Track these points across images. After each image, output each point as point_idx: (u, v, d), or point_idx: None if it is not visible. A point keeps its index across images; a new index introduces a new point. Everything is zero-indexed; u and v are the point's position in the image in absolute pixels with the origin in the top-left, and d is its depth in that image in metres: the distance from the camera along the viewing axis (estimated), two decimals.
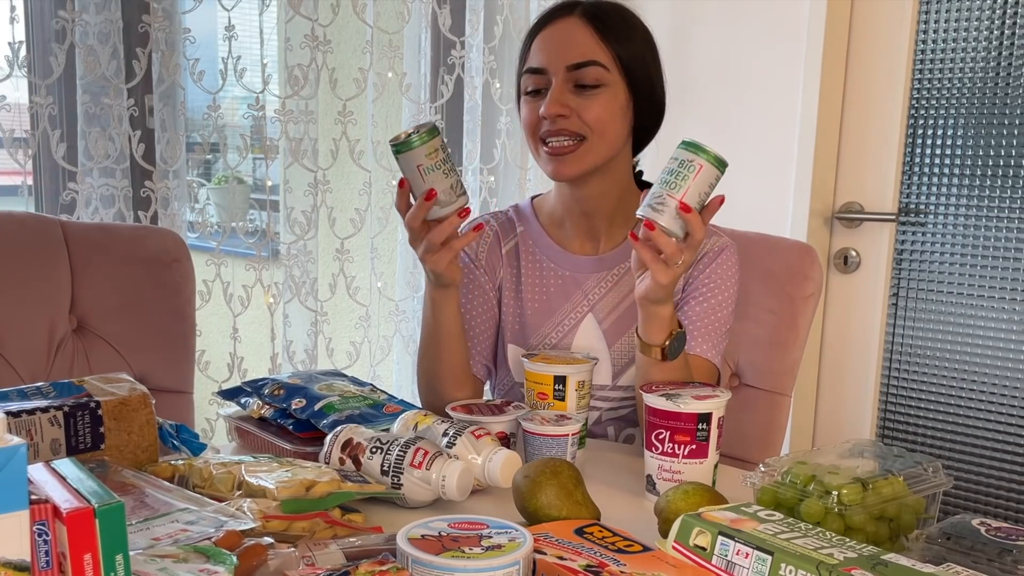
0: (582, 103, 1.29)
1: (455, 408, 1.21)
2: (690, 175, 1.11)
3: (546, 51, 1.32)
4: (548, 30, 1.33)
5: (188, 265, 1.58)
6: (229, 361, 1.95)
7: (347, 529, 0.93)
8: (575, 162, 1.31)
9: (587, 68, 1.29)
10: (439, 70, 2.25)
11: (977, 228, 2.21)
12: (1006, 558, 0.80)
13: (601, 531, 0.87)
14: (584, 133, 1.30)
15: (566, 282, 1.42)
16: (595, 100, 1.30)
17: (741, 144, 2.41)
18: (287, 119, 1.95)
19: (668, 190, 1.12)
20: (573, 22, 1.31)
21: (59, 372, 1.46)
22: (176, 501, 0.87)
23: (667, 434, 1.08)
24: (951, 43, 2.21)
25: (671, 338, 1.21)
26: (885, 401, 2.39)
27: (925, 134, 2.27)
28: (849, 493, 0.87)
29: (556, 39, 1.32)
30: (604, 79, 1.30)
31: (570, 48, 1.30)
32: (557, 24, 1.33)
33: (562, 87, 1.30)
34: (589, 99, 1.30)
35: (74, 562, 0.60)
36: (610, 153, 1.34)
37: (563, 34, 1.32)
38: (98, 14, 1.71)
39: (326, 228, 2.07)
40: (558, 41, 1.32)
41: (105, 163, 1.75)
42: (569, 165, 1.31)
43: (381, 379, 2.23)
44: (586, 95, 1.30)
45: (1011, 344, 2.19)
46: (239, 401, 1.31)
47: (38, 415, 0.98)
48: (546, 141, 1.31)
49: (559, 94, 1.29)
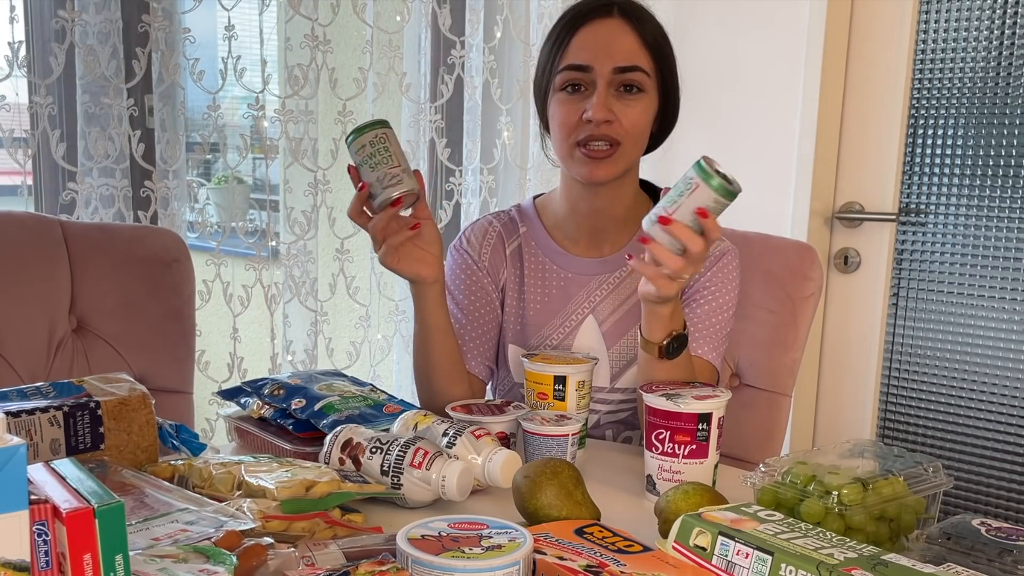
0: (623, 108, 1.28)
1: (455, 408, 1.21)
2: (686, 192, 1.10)
3: (591, 49, 1.29)
4: (591, 28, 1.30)
5: (188, 265, 1.58)
6: (229, 361, 1.94)
7: (347, 529, 0.93)
8: (610, 166, 1.30)
9: (632, 73, 1.28)
10: (439, 70, 2.25)
11: (977, 228, 2.21)
12: (1006, 558, 0.80)
13: (601, 531, 0.87)
14: (621, 139, 1.29)
15: (568, 283, 1.42)
16: (635, 106, 1.29)
17: (741, 144, 2.41)
18: (287, 119, 1.95)
19: (665, 205, 1.12)
20: (616, 23, 1.29)
21: (59, 372, 1.46)
22: (176, 501, 0.87)
23: (667, 434, 1.08)
24: (951, 43, 2.21)
25: (670, 338, 1.21)
26: (885, 401, 2.39)
27: (925, 134, 2.27)
28: (849, 493, 0.87)
29: (601, 38, 1.29)
30: (645, 85, 1.29)
31: (616, 49, 1.28)
32: (599, 23, 1.30)
33: (607, 90, 1.28)
34: (630, 105, 1.29)
35: (74, 562, 0.60)
36: (637, 158, 1.35)
37: (608, 34, 1.29)
38: (98, 14, 1.70)
39: (326, 228, 2.07)
40: (604, 40, 1.29)
41: (105, 163, 1.75)
42: (604, 169, 1.30)
43: (381, 379, 2.23)
44: (627, 100, 1.29)
45: (1011, 344, 2.19)
46: (239, 401, 1.31)
47: (38, 415, 0.98)
48: (584, 144, 1.30)
49: (605, 98, 1.27)
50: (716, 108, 2.46)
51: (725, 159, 1.14)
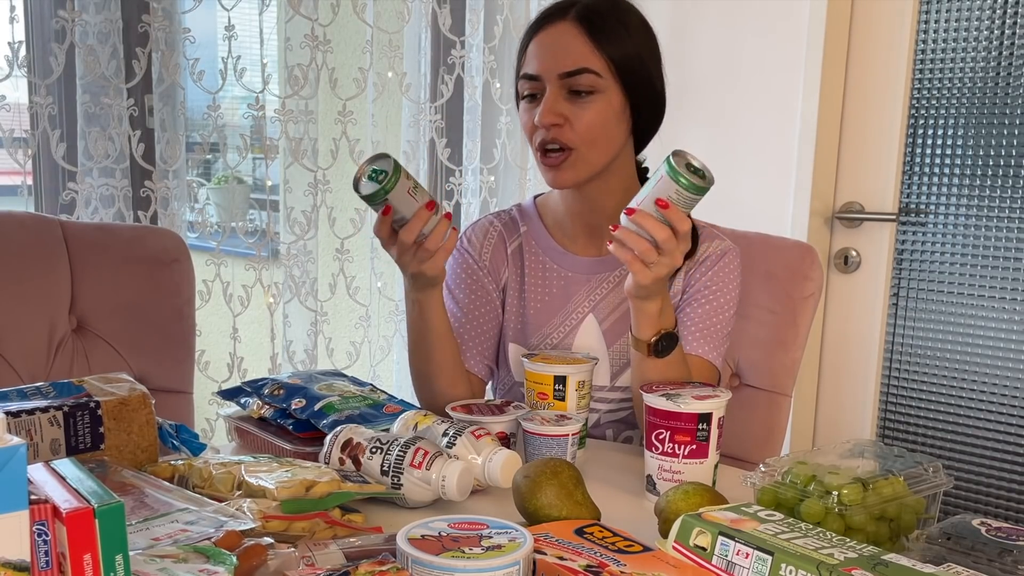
0: (575, 111, 1.29)
1: (455, 408, 1.21)
2: (654, 183, 1.14)
3: (539, 57, 1.31)
4: (542, 35, 1.32)
5: (188, 265, 1.58)
6: (229, 361, 1.94)
7: (347, 529, 0.93)
8: (568, 171, 1.31)
9: (579, 76, 1.28)
10: (439, 70, 2.25)
11: (977, 228, 2.21)
12: (1006, 558, 0.80)
13: (601, 531, 0.87)
14: (573, 144, 1.29)
15: (568, 283, 1.42)
16: (588, 108, 1.29)
17: (741, 144, 2.41)
18: (287, 119, 1.95)
19: (637, 196, 1.17)
20: (566, 27, 1.30)
21: (59, 372, 1.46)
22: (176, 501, 0.87)
23: (667, 434, 1.08)
24: (951, 43, 2.21)
25: (659, 336, 1.22)
26: (885, 401, 2.39)
27: (925, 134, 2.27)
28: (849, 493, 0.87)
29: (549, 45, 1.31)
30: (597, 85, 1.29)
31: (562, 55, 1.29)
32: (551, 29, 1.31)
33: (556, 95, 1.29)
34: (582, 107, 1.29)
35: (74, 562, 0.60)
36: (605, 159, 1.33)
37: (556, 40, 1.30)
38: (98, 14, 1.71)
39: (326, 228, 2.07)
40: (551, 47, 1.31)
41: (105, 163, 1.75)
42: (563, 174, 1.31)
43: (381, 379, 2.23)
44: (579, 103, 1.29)
45: (1011, 344, 2.19)
46: (239, 401, 1.31)
47: (38, 415, 0.98)
48: (543, 150, 1.31)
49: (552, 103, 1.28)
50: (716, 108, 2.46)
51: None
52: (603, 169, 1.33)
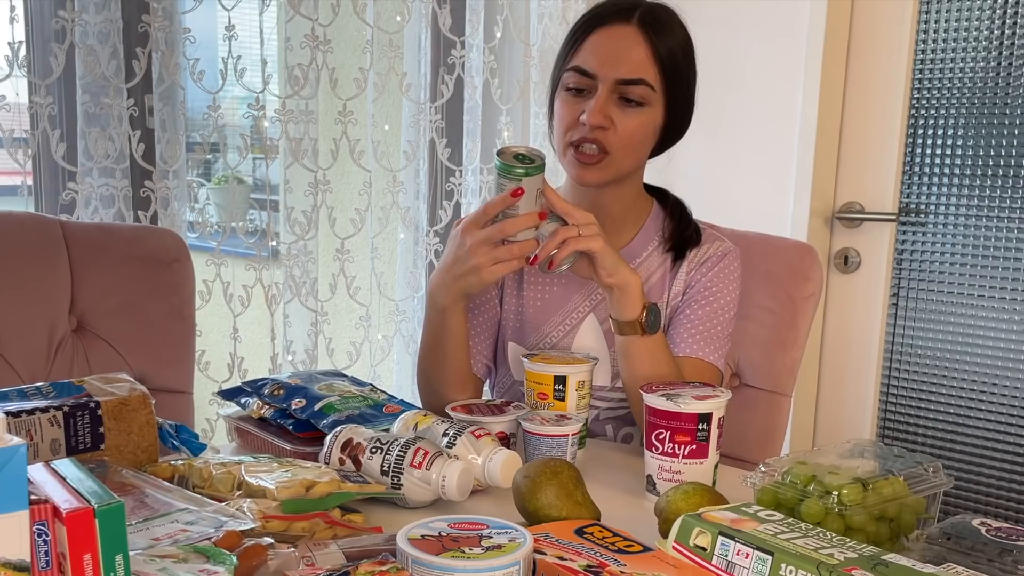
0: (621, 117, 1.28)
1: (455, 408, 1.21)
2: (500, 190, 1.22)
3: (598, 56, 1.29)
4: (603, 33, 1.30)
5: (188, 265, 1.58)
6: (229, 361, 1.94)
7: (347, 529, 0.93)
8: (598, 172, 1.31)
9: (636, 86, 1.28)
10: (439, 70, 2.25)
11: (977, 228, 2.21)
12: (1006, 558, 0.80)
13: (601, 531, 0.87)
14: (611, 148, 1.29)
15: (569, 282, 1.42)
16: (635, 117, 1.29)
17: (741, 144, 2.41)
18: (287, 119, 1.95)
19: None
20: (630, 32, 1.28)
21: (59, 372, 1.46)
22: (176, 501, 0.87)
23: (667, 434, 1.08)
24: (951, 43, 2.21)
25: (645, 309, 1.25)
26: (885, 401, 2.39)
27: (925, 134, 2.27)
28: (849, 493, 0.87)
29: (611, 47, 1.29)
30: (648, 98, 1.29)
31: (624, 61, 1.28)
32: (613, 29, 1.29)
33: (607, 98, 1.28)
34: (629, 115, 1.29)
35: (74, 562, 0.60)
36: (633, 167, 1.35)
37: (618, 43, 1.28)
38: (98, 14, 1.70)
39: (326, 228, 2.07)
40: (613, 50, 1.28)
41: (105, 163, 1.75)
42: (593, 173, 1.31)
43: (381, 379, 2.23)
44: (628, 110, 1.29)
45: (1011, 344, 2.19)
46: (239, 401, 1.31)
47: (38, 415, 0.98)
48: (576, 145, 1.30)
49: (604, 104, 1.27)
50: (716, 108, 2.45)
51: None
52: (625, 175, 1.34)
